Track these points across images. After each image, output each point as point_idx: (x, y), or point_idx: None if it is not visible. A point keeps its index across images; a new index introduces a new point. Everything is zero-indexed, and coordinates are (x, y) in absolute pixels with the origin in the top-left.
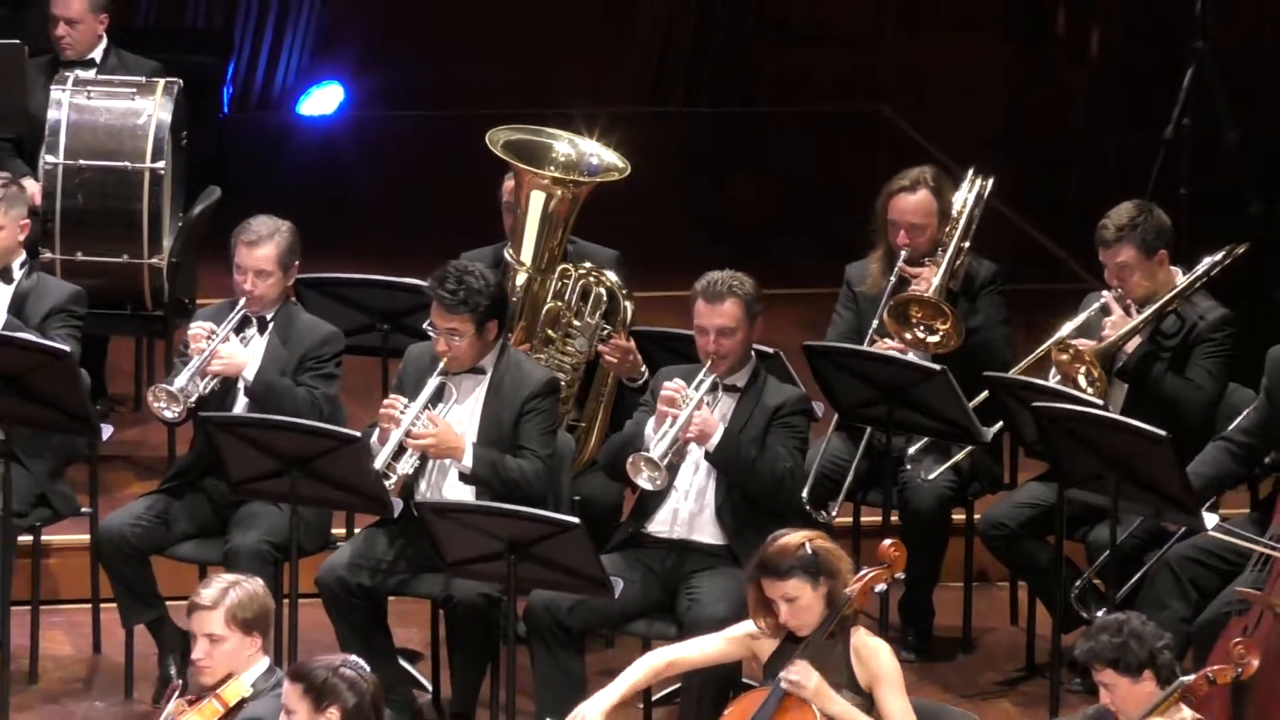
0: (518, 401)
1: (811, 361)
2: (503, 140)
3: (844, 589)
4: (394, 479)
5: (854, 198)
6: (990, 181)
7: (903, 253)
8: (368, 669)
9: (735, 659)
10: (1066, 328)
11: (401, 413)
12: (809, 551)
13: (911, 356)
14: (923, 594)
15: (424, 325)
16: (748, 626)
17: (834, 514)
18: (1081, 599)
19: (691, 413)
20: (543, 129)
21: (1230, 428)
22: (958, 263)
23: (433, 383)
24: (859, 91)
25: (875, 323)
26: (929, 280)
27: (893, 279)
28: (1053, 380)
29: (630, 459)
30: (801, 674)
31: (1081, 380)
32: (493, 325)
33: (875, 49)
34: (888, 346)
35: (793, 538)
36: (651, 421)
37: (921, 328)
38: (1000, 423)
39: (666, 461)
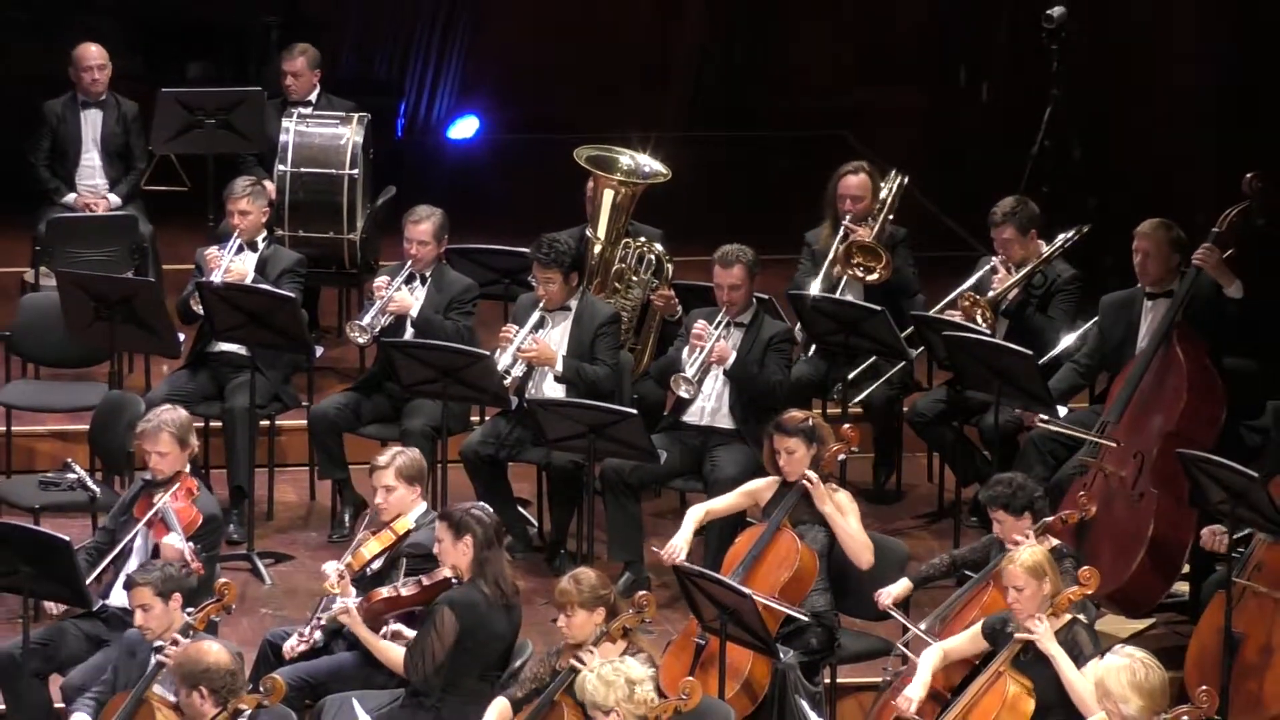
0: (593, 328)
1: (793, 304)
2: (585, 155)
3: (826, 454)
4: (509, 380)
5: (823, 195)
6: (906, 178)
7: (846, 218)
8: (491, 511)
9: (746, 507)
10: (967, 283)
11: (514, 336)
12: (809, 423)
13: (850, 297)
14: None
15: (528, 278)
16: (750, 486)
17: None
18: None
19: (713, 343)
20: (612, 147)
21: (1078, 353)
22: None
23: (535, 316)
24: (827, 123)
25: (825, 265)
26: (865, 235)
27: (839, 237)
28: (956, 318)
29: (672, 377)
30: (814, 479)
31: (977, 318)
32: (574, 276)
33: (840, 94)
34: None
35: (800, 412)
36: (685, 349)
37: (861, 269)
38: (922, 347)
39: (696, 377)
